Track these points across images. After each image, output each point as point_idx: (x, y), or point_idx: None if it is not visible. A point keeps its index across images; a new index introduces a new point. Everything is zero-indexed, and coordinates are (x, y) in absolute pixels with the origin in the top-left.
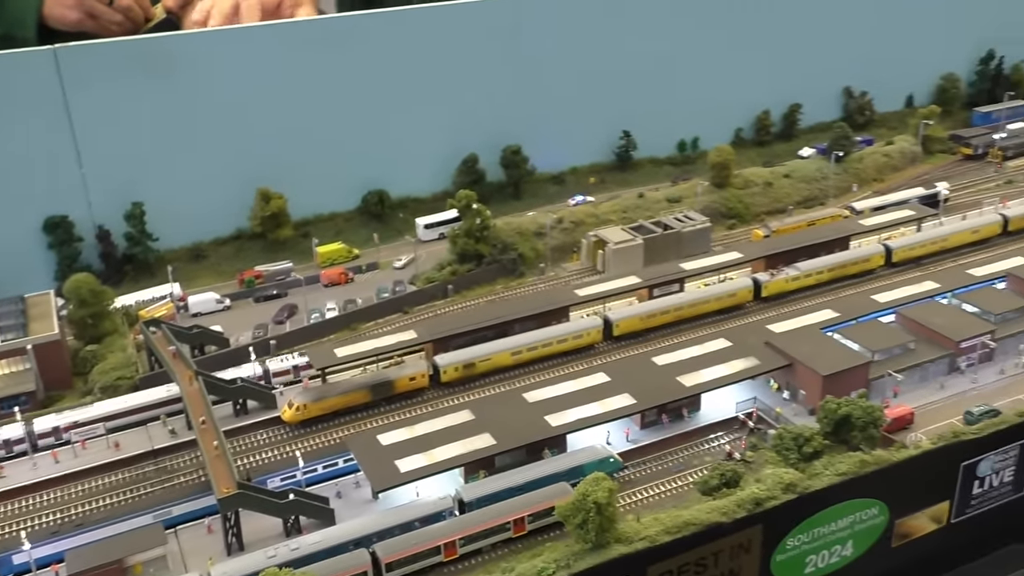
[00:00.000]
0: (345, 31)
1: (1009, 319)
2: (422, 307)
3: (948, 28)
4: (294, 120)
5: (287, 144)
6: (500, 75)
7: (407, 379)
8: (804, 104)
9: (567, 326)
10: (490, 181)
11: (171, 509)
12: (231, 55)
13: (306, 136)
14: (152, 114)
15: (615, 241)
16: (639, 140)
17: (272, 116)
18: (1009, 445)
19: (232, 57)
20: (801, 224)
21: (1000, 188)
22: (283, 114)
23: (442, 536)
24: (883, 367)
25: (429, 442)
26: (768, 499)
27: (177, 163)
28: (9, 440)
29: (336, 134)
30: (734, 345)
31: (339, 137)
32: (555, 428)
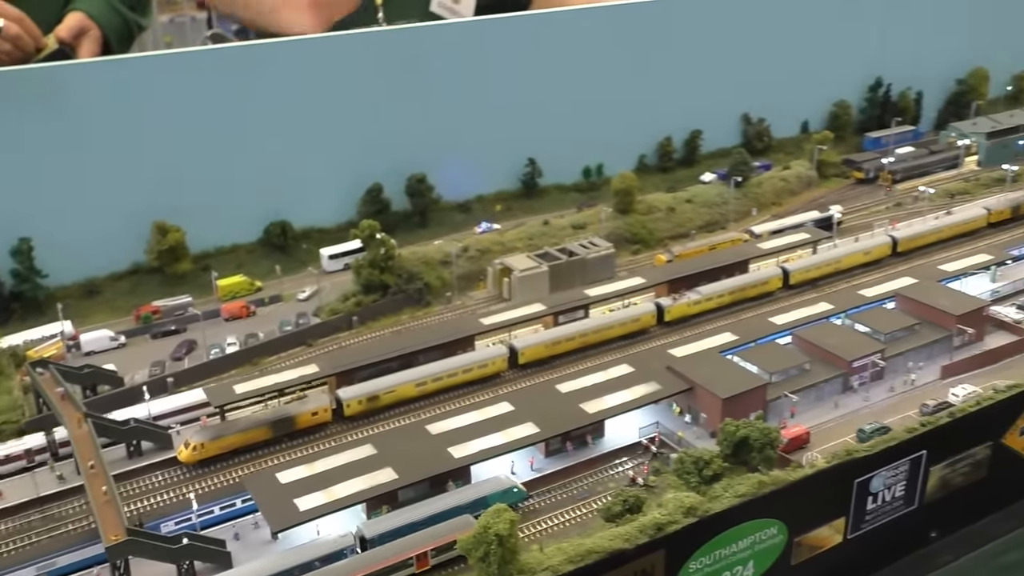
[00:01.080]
0: (245, 59)
1: (898, 338)
2: (326, 339)
3: (839, 57)
4: (192, 151)
5: (185, 175)
6: (404, 103)
7: (309, 414)
8: (705, 130)
9: (472, 355)
10: (395, 210)
11: (56, 560)
12: (125, 85)
13: (205, 167)
14: (42, 146)
15: (520, 269)
16: (545, 167)
17: (169, 147)
18: (899, 461)
19: (127, 87)
20: (703, 248)
21: (890, 210)
22: (181, 145)
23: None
24: (780, 388)
25: (330, 479)
26: (669, 523)
27: (68, 196)
28: None
29: (236, 164)
30: (637, 370)
31: (239, 168)
32: (458, 460)
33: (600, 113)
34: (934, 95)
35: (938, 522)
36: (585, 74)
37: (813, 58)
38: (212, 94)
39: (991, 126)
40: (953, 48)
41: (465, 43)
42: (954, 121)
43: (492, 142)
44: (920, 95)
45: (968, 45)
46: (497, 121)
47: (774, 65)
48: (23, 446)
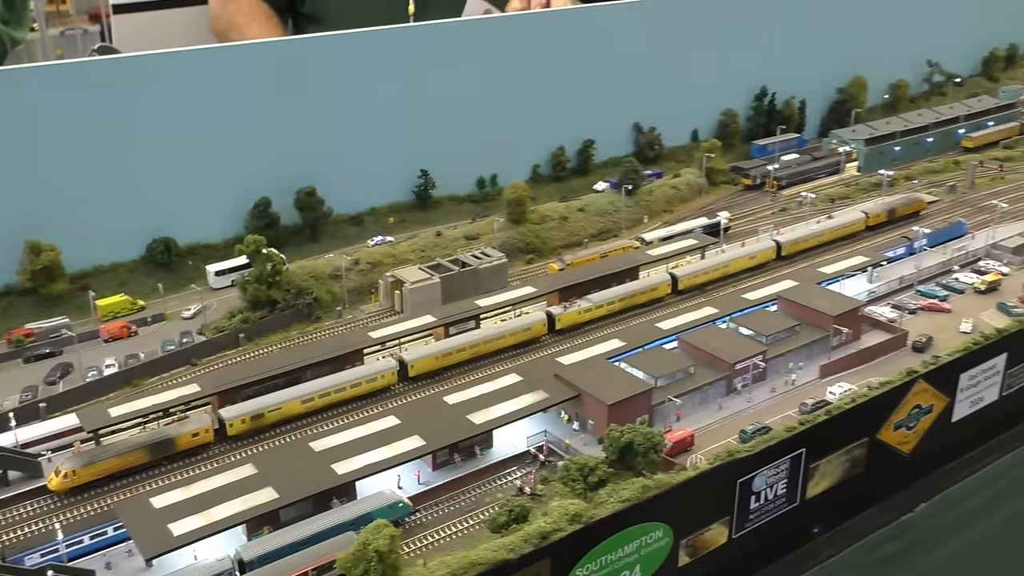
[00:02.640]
0: (127, 72)
1: (779, 339)
2: (212, 358)
3: (727, 67)
4: (70, 166)
5: (61, 192)
6: (293, 115)
7: (189, 435)
8: (597, 140)
9: (360, 370)
10: (285, 224)
11: None
12: (22, 98)
13: (83, 183)
14: None
15: (412, 281)
16: (439, 178)
17: (44, 161)
18: (780, 459)
19: (15, 99)
20: (594, 256)
21: (775, 215)
22: (57, 159)
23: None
24: (665, 392)
25: (207, 501)
26: (554, 531)
27: None
28: None
29: (117, 180)
30: (525, 379)
31: (120, 183)
32: (341, 476)
33: (494, 123)
34: (817, 103)
35: (819, 518)
36: (478, 85)
37: (702, 68)
38: (91, 107)
39: (869, 133)
40: (834, 58)
41: (353, 54)
42: (835, 128)
43: (384, 153)
44: (804, 103)
45: (848, 55)
46: (389, 132)
47: (664, 75)
48: None
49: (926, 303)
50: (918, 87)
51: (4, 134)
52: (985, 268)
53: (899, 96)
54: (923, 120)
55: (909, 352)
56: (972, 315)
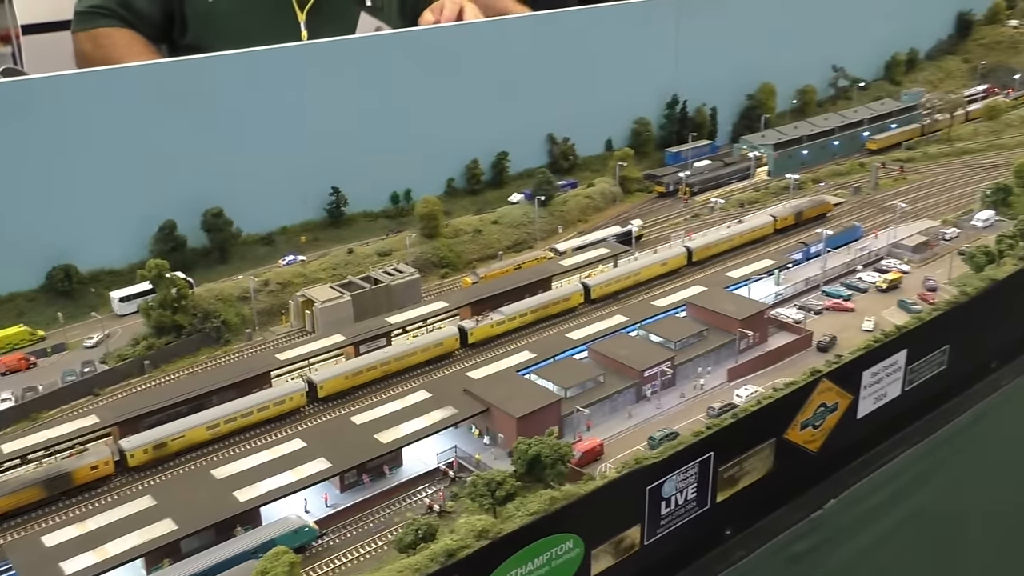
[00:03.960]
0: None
1: (688, 345)
2: (116, 387)
3: (639, 76)
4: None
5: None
6: (197, 136)
7: (88, 468)
8: (512, 152)
9: (267, 393)
10: (193, 247)
11: None
12: None
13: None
14: None
15: (322, 300)
16: (352, 195)
17: None
18: (688, 464)
19: None
20: (508, 269)
21: (688, 222)
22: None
23: None
24: (575, 403)
25: (103, 536)
26: (461, 548)
27: None
28: None
29: (10, 206)
30: (435, 395)
31: (14, 209)
32: (244, 503)
33: (407, 138)
34: (727, 110)
35: (731, 520)
36: (390, 100)
37: (613, 77)
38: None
39: (778, 137)
40: (743, 65)
41: (259, 72)
42: (746, 134)
43: (295, 171)
44: (715, 110)
45: (757, 62)
46: (300, 150)
47: (577, 85)
48: None
49: (831, 303)
50: (825, 92)
51: None
52: (887, 267)
53: (807, 101)
54: (829, 124)
55: (814, 352)
56: (874, 313)
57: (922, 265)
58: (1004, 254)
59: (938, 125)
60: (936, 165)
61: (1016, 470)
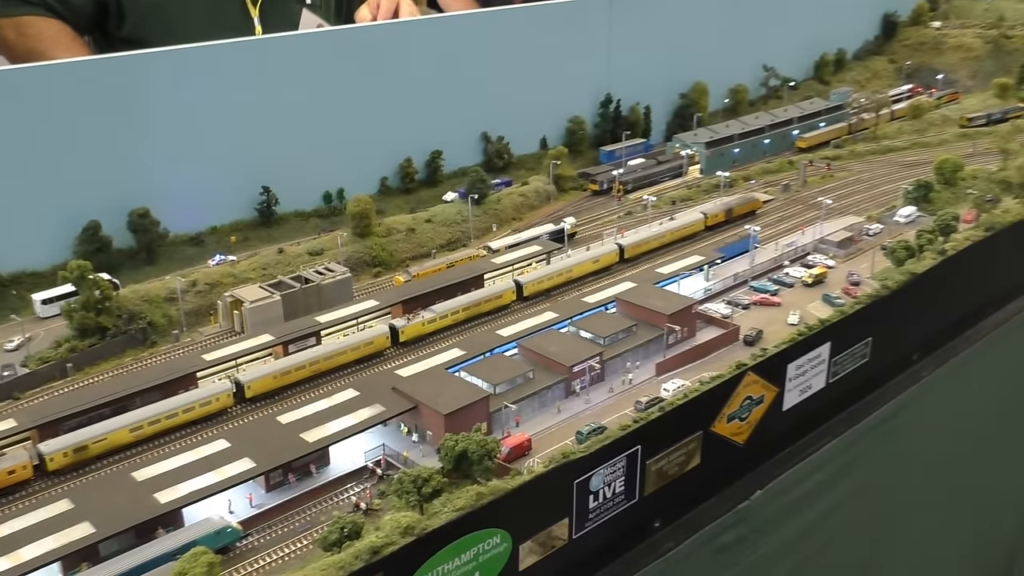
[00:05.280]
0: None
1: (617, 340)
2: (37, 390)
3: (572, 75)
4: None
5: None
6: (120, 135)
7: (5, 473)
8: (446, 151)
9: (193, 394)
10: (119, 247)
11: None
12: None
13: None
14: None
15: (251, 300)
16: (283, 194)
17: None
18: (616, 458)
19: None
20: (440, 267)
21: (621, 219)
22: None
23: None
24: (504, 399)
25: (16, 541)
26: (386, 545)
27: None
28: None
29: None
30: (363, 394)
31: None
32: (165, 504)
33: (339, 137)
34: (661, 109)
35: (660, 512)
36: (320, 98)
37: (548, 76)
38: None
39: (710, 136)
40: (676, 65)
41: (184, 69)
42: (679, 133)
43: (223, 170)
44: (648, 109)
45: (690, 62)
46: (227, 149)
47: (511, 84)
48: None
49: (758, 298)
50: (756, 91)
51: None
52: (813, 262)
53: (739, 100)
54: (760, 122)
55: (741, 346)
56: (800, 307)
57: (847, 260)
58: (924, 249)
59: (865, 124)
60: (862, 163)
61: (936, 459)
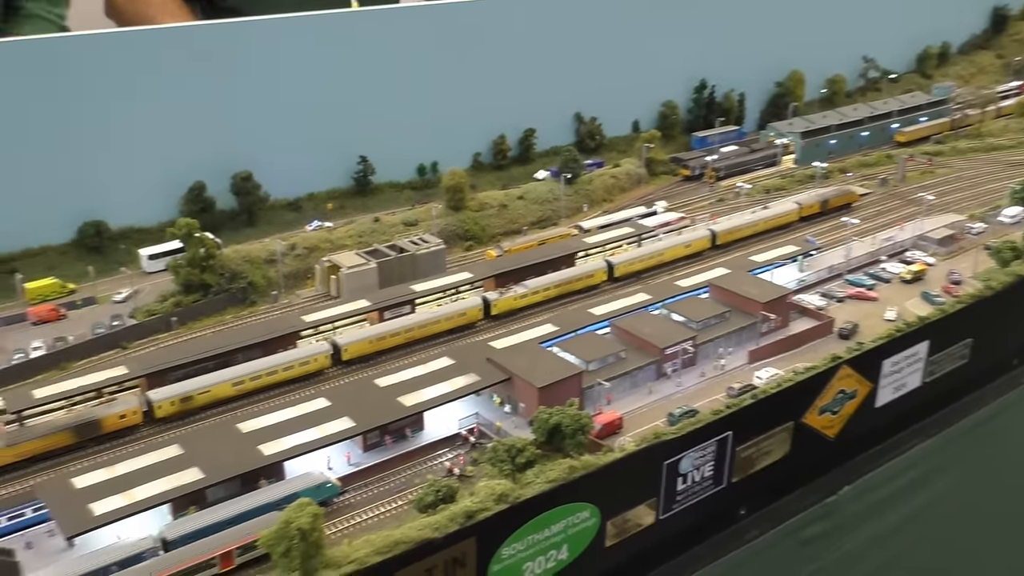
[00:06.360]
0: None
1: (709, 325)
2: (143, 341)
3: (667, 59)
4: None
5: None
6: (229, 100)
7: (116, 417)
8: (539, 129)
9: (293, 353)
10: (222, 209)
11: None
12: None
13: (11, 164)
14: None
15: (348, 266)
16: (379, 165)
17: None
18: (706, 442)
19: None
20: (532, 244)
21: (712, 206)
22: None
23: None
24: (596, 376)
25: (130, 481)
26: (480, 511)
27: None
28: None
29: (46, 162)
30: (457, 362)
31: (50, 165)
32: (268, 457)
33: (435, 111)
34: (756, 96)
35: (746, 500)
36: (419, 72)
37: (643, 59)
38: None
39: (806, 126)
40: (773, 52)
41: (293, 38)
42: (773, 121)
43: (324, 139)
44: (743, 96)
45: (787, 50)
46: (329, 119)
47: (606, 65)
48: None
49: (853, 292)
50: (854, 82)
51: None
52: (912, 258)
53: (836, 91)
54: (858, 114)
55: (835, 339)
56: (897, 303)
57: (947, 258)
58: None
59: (968, 120)
60: (965, 160)
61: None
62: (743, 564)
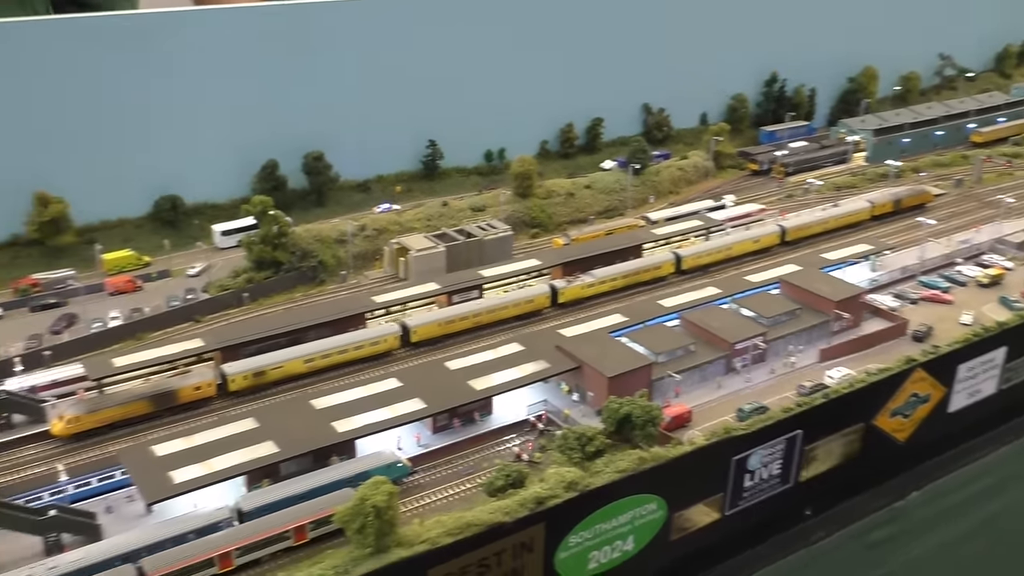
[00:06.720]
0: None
1: (780, 322)
2: (216, 315)
3: (737, 51)
4: (79, 120)
5: (69, 146)
6: (303, 80)
7: (192, 388)
8: (606, 118)
9: (363, 333)
10: (293, 188)
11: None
12: (33, 50)
13: (92, 138)
14: None
15: (417, 248)
16: (446, 150)
17: (52, 115)
18: (775, 439)
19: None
20: (599, 233)
21: (781, 201)
22: (66, 113)
23: (216, 547)
24: (665, 368)
25: (208, 452)
26: (550, 497)
27: None
28: None
29: (125, 137)
30: (526, 349)
31: (128, 140)
32: (341, 434)
33: (504, 97)
34: (827, 92)
35: (812, 500)
36: (489, 58)
37: (713, 50)
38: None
39: (878, 123)
40: (847, 47)
41: (367, 21)
42: (845, 118)
43: (393, 122)
44: (814, 91)
45: (861, 45)
46: (399, 101)
47: (676, 56)
48: None
49: (928, 294)
50: (929, 80)
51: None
52: (989, 262)
53: (910, 88)
54: (933, 113)
55: (909, 341)
56: (973, 308)
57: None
58: None
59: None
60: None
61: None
62: (807, 565)
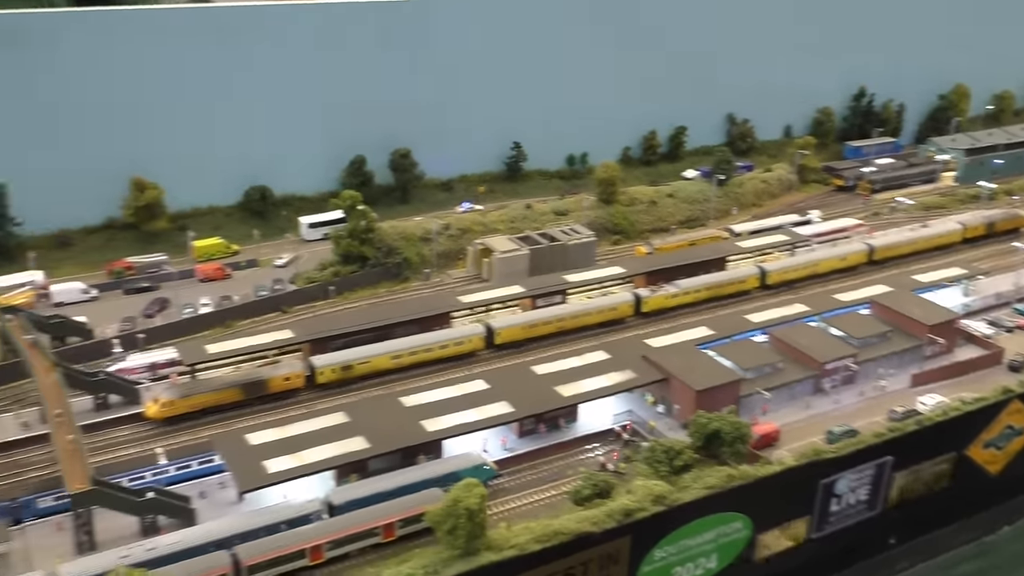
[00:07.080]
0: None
1: (871, 344)
2: (301, 307)
3: (825, 64)
4: (176, 111)
5: (166, 134)
6: (393, 78)
7: (281, 379)
8: (690, 127)
9: (449, 332)
10: (378, 184)
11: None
12: (106, 36)
13: (188, 128)
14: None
15: (501, 250)
16: (530, 152)
17: (151, 105)
18: (864, 464)
19: (108, 38)
20: (682, 243)
21: (867, 219)
22: (163, 104)
23: (308, 539)
24: (754, 385)
25: (300, 443)
26: (638, 510)
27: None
28: None
29: (219, 128)
30: (612, 357)
31: (222, 131)
32: (430, 433)
33: (589, 102)
34: (916, 108)
35: (897, 529)
36: (576, 62)
37: (801, 63)
38: (195, 56)
39: (970, 143)
40: (938, 64)
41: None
42: (934, 136)
43: (479, 123)
44: (902, 107)
45: (953, 62)
46: (486, 103)
47: (762, 67)
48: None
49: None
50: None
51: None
52: None
53: (1003, 108)
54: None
55: (1004, 370)
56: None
57: None
58: None
59: None
60: None
61: None
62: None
